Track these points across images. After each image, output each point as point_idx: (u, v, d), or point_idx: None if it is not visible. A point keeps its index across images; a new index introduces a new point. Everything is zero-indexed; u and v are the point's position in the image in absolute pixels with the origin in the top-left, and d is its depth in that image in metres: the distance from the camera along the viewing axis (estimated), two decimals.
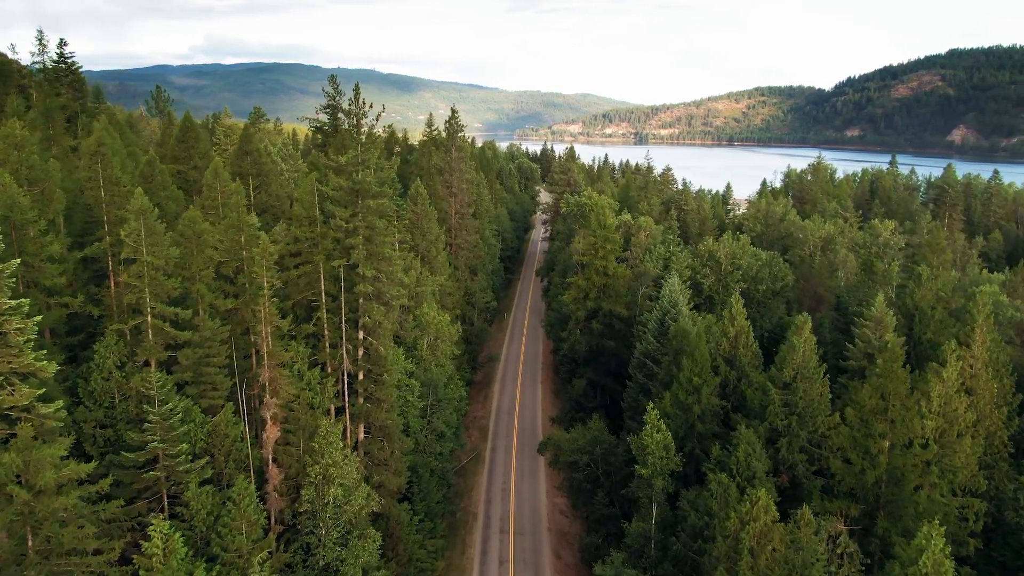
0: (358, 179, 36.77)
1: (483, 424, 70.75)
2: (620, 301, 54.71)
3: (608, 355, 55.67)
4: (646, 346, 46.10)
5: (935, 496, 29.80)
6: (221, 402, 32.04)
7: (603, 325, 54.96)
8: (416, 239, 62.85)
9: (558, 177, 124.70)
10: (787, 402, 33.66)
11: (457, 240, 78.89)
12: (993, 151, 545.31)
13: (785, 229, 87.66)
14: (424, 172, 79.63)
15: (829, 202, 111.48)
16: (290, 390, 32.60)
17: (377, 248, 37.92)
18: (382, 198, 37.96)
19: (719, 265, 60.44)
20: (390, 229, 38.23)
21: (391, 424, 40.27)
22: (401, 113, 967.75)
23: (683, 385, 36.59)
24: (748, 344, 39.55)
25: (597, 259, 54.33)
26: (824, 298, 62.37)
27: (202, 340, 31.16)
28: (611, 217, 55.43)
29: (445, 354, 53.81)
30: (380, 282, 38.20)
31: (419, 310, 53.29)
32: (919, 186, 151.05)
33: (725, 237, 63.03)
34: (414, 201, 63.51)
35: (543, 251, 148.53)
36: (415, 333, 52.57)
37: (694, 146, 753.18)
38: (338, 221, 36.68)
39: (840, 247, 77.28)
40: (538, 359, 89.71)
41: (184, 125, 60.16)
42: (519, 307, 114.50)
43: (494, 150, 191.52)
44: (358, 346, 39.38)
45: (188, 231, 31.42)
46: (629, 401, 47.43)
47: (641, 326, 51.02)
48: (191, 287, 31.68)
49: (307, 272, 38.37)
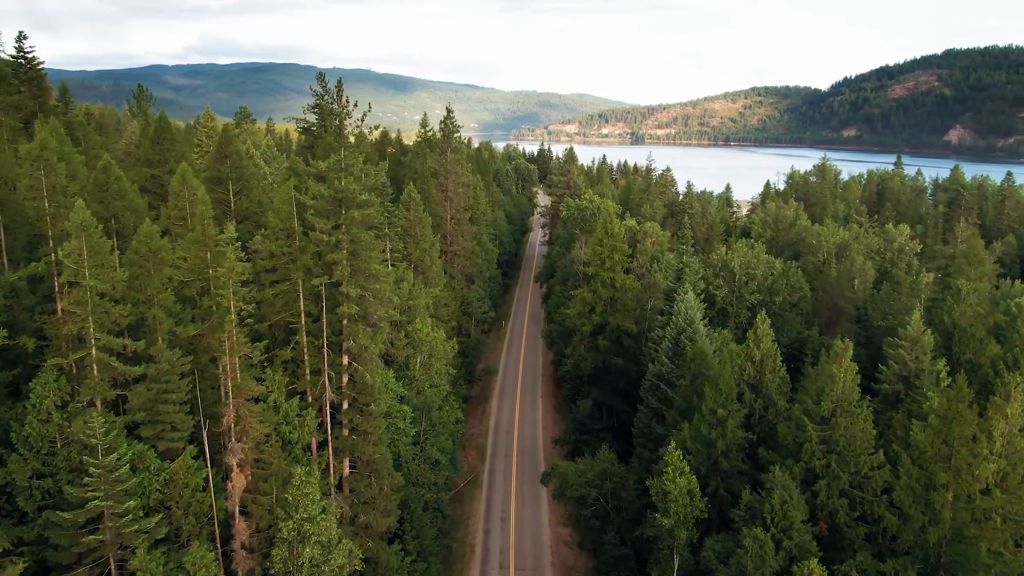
0: (341, 187, 32.69)
1: (480, 443, 66.68)
2: (628, 315, 50.71)
3: (615, 373, 51.68)
4: (659, 367, 42.14)
5: (1000, 550, 25.94)
6: (182, 444, 27.90)
7: (610, 341, 50.97)
8: (409, 248, 58.79)
9: (557, 179, 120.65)
10: (825, 439, 29.79)
11: (453, 247, 74.81)
12: (990, 151, 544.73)
13: (796, 234, 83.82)
14: (418, 175, 75.56)
15: (838, 205, 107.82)
16: (262, 429, 28.51)
17: (363, 264, 33.81)
18: (368, 208, 33.87)
19: (733, 275, 56.52)
20: (378, 242, 34.14)
21: (379, 459, 36.20)
22: (397, 113, 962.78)
23: (706, 417, 32.66)
24: (775, 369, 35.64)
25: (604, 270, 50.30)
26: (844, 311, 58.54)
27: (159, 374, 27.00)
28: (618, 225, 51.42)
29: (440, 373, 49.78)
30: (366, 302, 34.10)
31: (412, 326, 49.23)
32: (926, 188, 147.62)
33: (739, 245, 59.11)
34: (407, 207, 59.43)
35: (541, 255, 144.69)
36: (407, 351, 48.51)
37: (690, 146, 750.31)
38: (318, 234, 32.58)
39: (856, 254, 73.52)
40: (538, 370, 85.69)
41: (159, 126, 55.90)
42: (517, 314, 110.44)
43: (490, 151, 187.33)
44: (342, 372, 35.28)
45: (143, 248, 27.30)
46: (640, 427, 43.46)
47: (653, 344, 47.03)
48: (146, 313, 27.53)
49: (284, 291, 34.26)
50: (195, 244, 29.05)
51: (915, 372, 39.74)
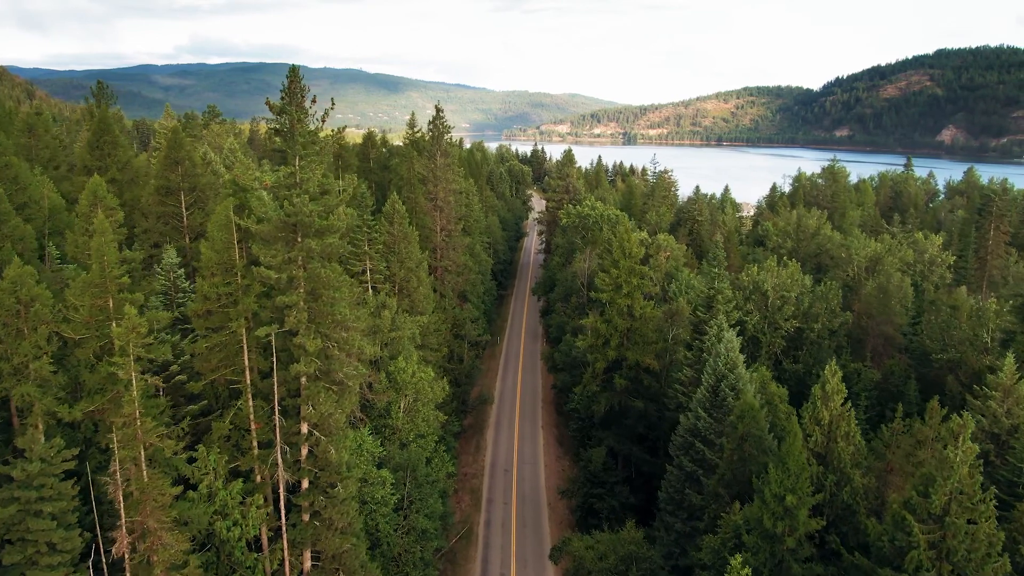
0: (294, 208, 24.90)
1: (475, 485, 58.83)
2: (649, 350, 43.15)
3: (634, 416, 44.15)
4: (694, 421, 34.62)
5: None
6: (66, 571, 20.06)
7: (628, 380, 43.39)
8: (392, 268, 50.96)
9: (555, 183, 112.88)
10: (935, 543, 22.47)
11: (443, 262, 67.00)
12: (983, 151, 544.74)
13: (818, 245, 76.68)
14: (405, 182, 67.70)
15: (854, 210, 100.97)
16: (179, 544, 20.72)
17: (325, 307, 26.06)
18: (331, 235, 26.11)
19: (765, 299, 49.12)
20: (346, 279, 26.37)
21: (348, 551, 28.43)
22: (388, 113, 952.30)
23: (769, 505, 25.21)
24: (850, 435, 28.22)
25: (620, 296, 42.67)
26: (892, 339, 51.29)
27: (27, 477, 19.16)
28: (636, 242, 43.82)
29: (428, 420, 42.03)
30: (330, 356, 26.36)
31: (394, 364, 41.43)
32: (939, 191, 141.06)
33: (769, 263, 51.72)
34: (390, 220, 51.58)
35: (538, 264, 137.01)
36: (388, 395, 40.73)
37: (683, 146, 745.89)
38: (265, 270, 24.81)
39: (891, 268, 66.35)
40: (537, 393, 77.94)
41: (98, 127, 47.77)
42: (513, 328, 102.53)
43: (483, 152, 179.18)
44: (300, 444, 27.47)
45: (7, 300, 19.44)
46: (669, 491, 35.91)
47: (681, 386, 39.48)
48: (12, 389, 19.68)
49: (223, 342, 26.44)
50: (90, 288, 21.15)
51: (1008, 429, 32.52)
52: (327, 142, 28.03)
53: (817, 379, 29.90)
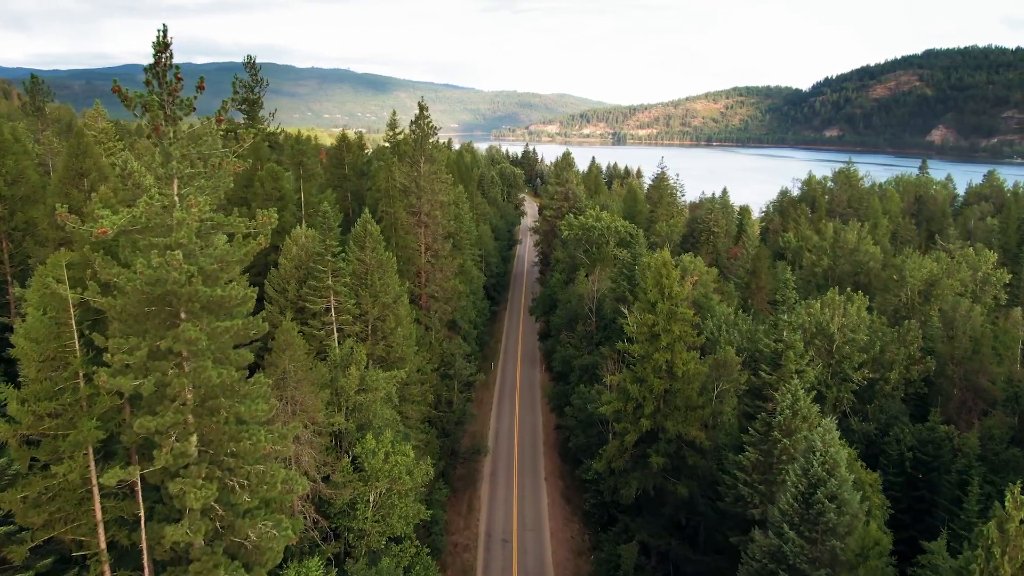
0: (164, 265, 14.56)
1: (467, 562, 48.34)
2: (694, 417, 33.05)
3: (674, 503, 34.06)
4: (777, 543, 24.62)
5: None
6: None
7: (667, 457, 33.28)
8: (364, 304, 40.49)
9: (554, 190, 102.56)
10: None
11: (429, 288, 56.59)
12: (973, 151, 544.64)
13: (858, 263, 67.08)
14: (383, 194, 57.19)
15: (884, 219, 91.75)
16: None
17: (224, 430, 15.73)
18: (237, 305, 15.78)
19: (830, 342, 39.24)
20: (263, 382, 15.94)
21: None
22: (376, 113, 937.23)
23: None
24: None
25: (658, 351, 32.55)
26: (982, 389, 41.57)
27: None
28: (676, 278, 33.63)
29: (406, 517, 31.64)
30: (234, 507, 16.03)
31: (361, 445, 31.05)
32: (958, 196, 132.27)
33: (830, 296, 41.86)
34: (360, 245, 41.12)
35: (534, 278, 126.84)
36: (353, 487, 30.32)
37: (672, 146, 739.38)
38: (112, 376, 14.45)
39: (948, 292, 56.89)
40: (537, 435, 67.63)
41: None
42: (508, 351, 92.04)
43: (473, 154, 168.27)
44: None
45: None
46: None
47: (742, 472, 29.32)
48: None
49: (57, 486, 16.02)
50: None
51: None
52: (236, 146, 17.62)
53: (887, 437, 20.28)
